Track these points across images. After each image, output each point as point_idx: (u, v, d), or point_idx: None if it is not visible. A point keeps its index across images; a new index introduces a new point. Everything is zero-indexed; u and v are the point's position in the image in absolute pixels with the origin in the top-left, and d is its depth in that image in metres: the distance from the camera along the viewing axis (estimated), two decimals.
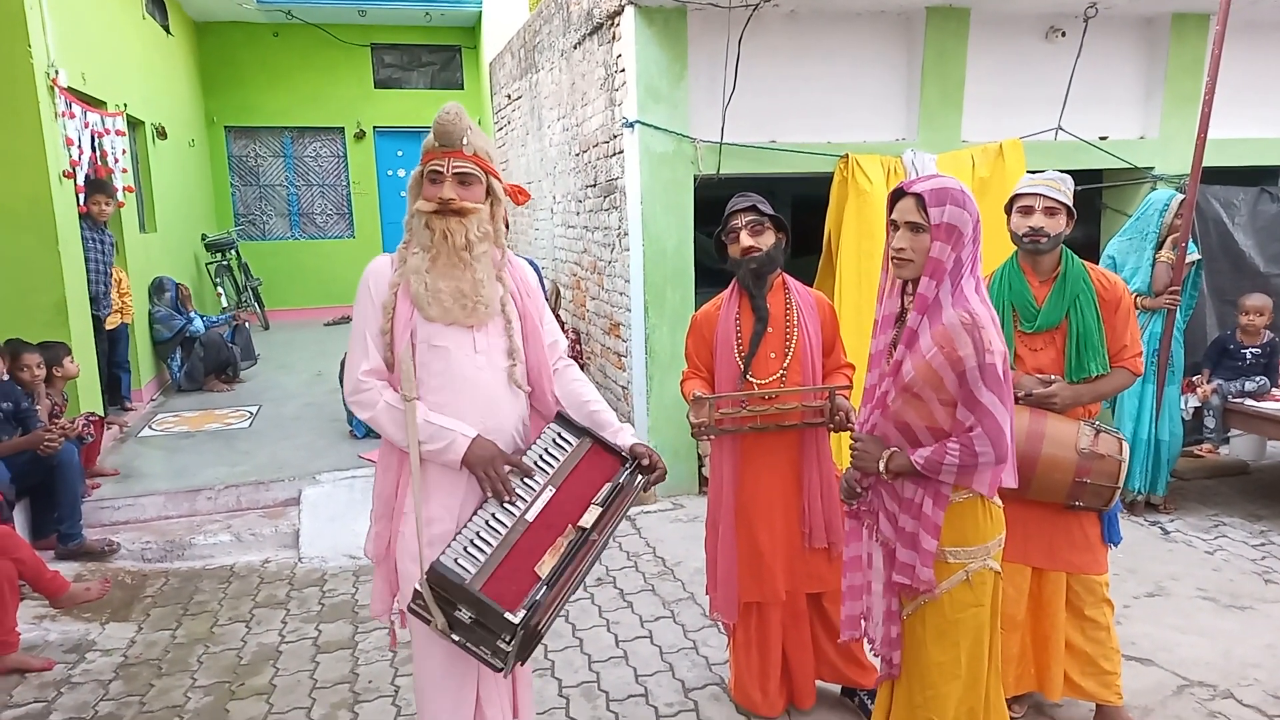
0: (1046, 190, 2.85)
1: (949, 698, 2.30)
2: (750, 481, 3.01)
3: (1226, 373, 5.14)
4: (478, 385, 2.25)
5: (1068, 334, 2.88)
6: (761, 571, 3.00)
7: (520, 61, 8.70)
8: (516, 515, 2.16)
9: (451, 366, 2.22)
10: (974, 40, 5.56)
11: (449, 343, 2.22)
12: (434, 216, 2.18)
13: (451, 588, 2.02)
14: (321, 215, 13.24)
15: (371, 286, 2.23)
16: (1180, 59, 5.85)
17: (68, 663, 3.65)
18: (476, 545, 2.09)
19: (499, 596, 2.01)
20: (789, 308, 2.96)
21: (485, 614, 2.00)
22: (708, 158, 5.23)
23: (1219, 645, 3.57)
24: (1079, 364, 2.86)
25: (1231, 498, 5.30)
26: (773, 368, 2.93)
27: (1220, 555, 4.47)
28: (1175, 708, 3.14)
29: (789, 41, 5.40)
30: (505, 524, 2.14)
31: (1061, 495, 2.79)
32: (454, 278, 2.20)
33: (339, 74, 12.69)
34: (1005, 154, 5.50)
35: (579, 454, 2.31)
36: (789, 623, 3.06)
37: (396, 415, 2.19)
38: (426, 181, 2.20)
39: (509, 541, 2.11)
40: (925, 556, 2.23)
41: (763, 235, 2.91)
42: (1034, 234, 2.86)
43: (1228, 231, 5.83)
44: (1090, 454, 2.74)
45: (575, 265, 6.99)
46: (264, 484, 5.26)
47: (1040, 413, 2.82)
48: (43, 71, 5.30)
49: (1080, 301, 2.87)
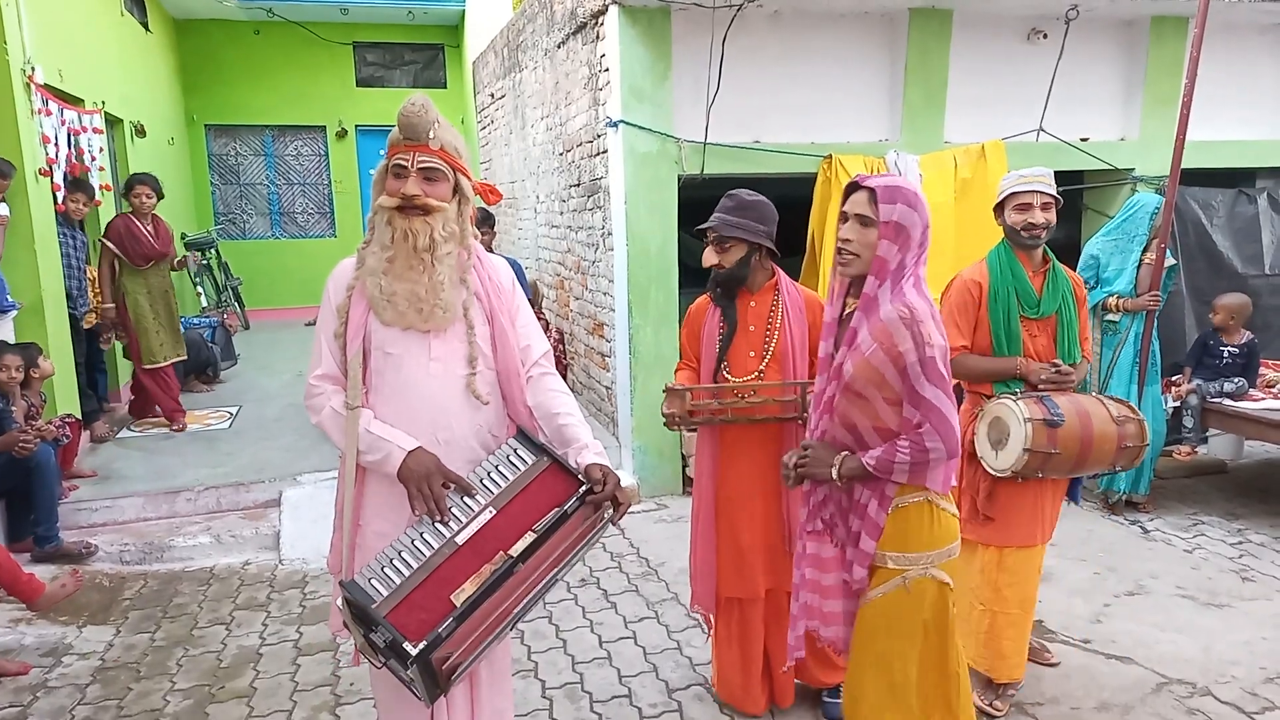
0: (1042, 187, 3.01)
1: (865, 704, 2.27)
2: (731, 478, 3.02)
3: (1206, 372, 5.19)
4: (428, 395, 2.13)
5: (1058, 323, 3.05)
6: (742, 568, 3.01)
7: (504, 60, 8.67)
8: (446, 537, 1.99)
9: (402, 374, 2.12)
10: (956, 41, 5.59)
11: (401, 349, 2.12)
12: (396, 214, 2.07)
13: (358, 609, 1.89)
14: (303, 214, 13.15)
15: (330, 289, 2.18)
16: (1160, 61, 5.90)
17: (44, 666, 3.60)
18: (395, 565, 1.95)
19: (404, 624, 1.85)
20: (774, 308, 2.97)
21: (391, 641, 1.84)
22: (692, 158, 5.23)
23: (1198, 642, 3.60)
24: (1068, 351, 3.06)
25: (1210, 496, 5.35)
26: (750, 366, 2.95)
27: (1199, 554, 4.51)
28: (1154, 705, 3.17)
29: (773, 42, 5.40)
30: (432, 545, 1.97)
31: (1107, 463, 2.98)
32: (410, 280, 2.08)
33: (321, 72, 12.60)
34: (987, 155, 5.53)
35: (532, 474, 2.10)
36: (771, 620, 3.07)
37: (339, 422, 2.12)
38: (390, 176, 2.08)
39: (430, 565, 1.94)
40: (862, 557, 2.23)
41: (727, 252, 2.91)
42: (1035, 229, 3.00)
43: (1206, 232, 5.89)
44: (1123, 419, 2.95)
45: (559, 265, 6.97)
46: (244, 485, 5.21)
47: (1072, 395, 2.98)
48: (19, 68, 5.23)
49: (1065, 292, 3.07)
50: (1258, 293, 5.75)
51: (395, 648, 1.83)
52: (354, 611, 1.92)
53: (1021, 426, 2.83)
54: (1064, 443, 2.86)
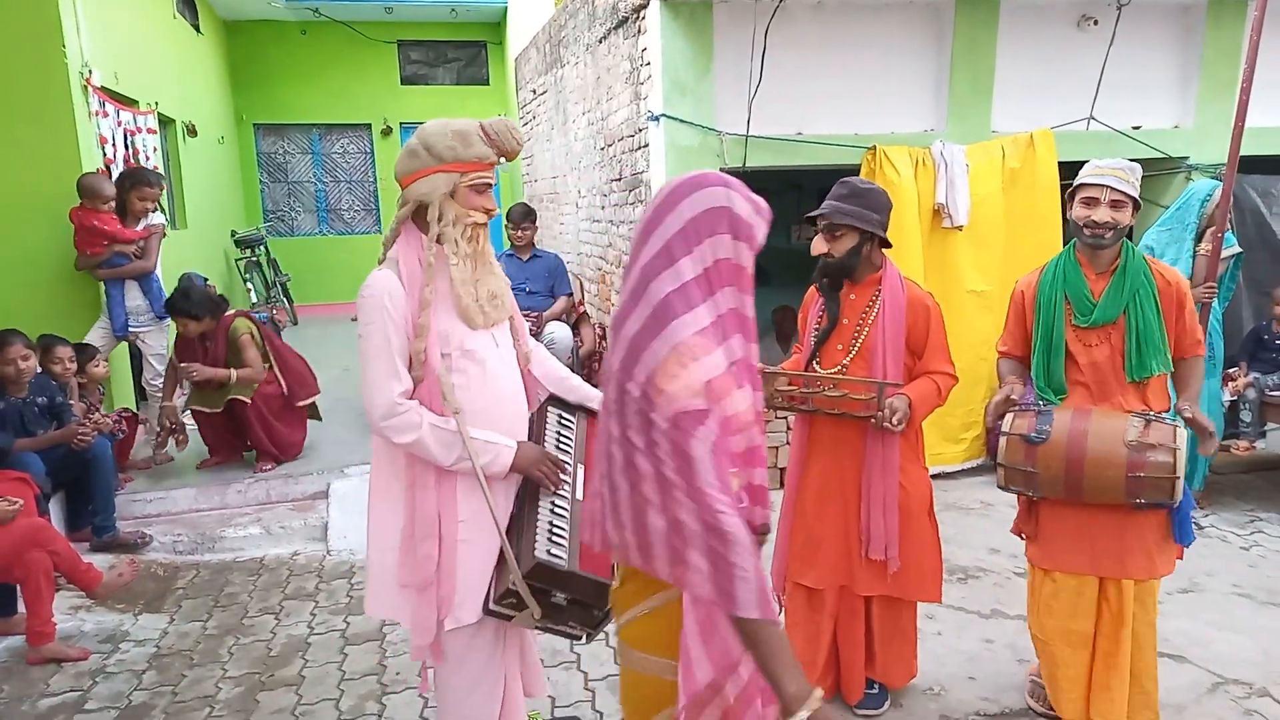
0: (1114, 182, 2.68)
1: None
2: (814, 471, 3.03)
3: (1262, 365, 5.04)
4: (505, 380, 2.32)
5: (1126, 330, 2.72)
6: (810, 557, 3.01)
7: (545, 56, 8.70)
8: (570, 498, 2.29)
9: (487, 369, 2.26)
10: (1004, 29, 5.48)
11: (477, 345, 2.24)
12: (477, 226, 2.24)
13: (555, 576, 2.12)
14: (349, 211, 13.34)
15: (390, 306, 2.13)
16: (1217, 45, 5.73)
17: (103, 653, 3.71)
18: (556, 532, 2.19)
19: (595, 571, 2.14)
20: (872, 304, 2.91)
21: (586, 591, 2.14)
22: (733, 151, 5.20)
23: (1256, 642, 3.50)
24: (1139, 362, 2.71)
25: (1269, 493, 5.20)
26: (836, 360, 2.93)
27: (1256, 551, 4.39)
28: (1210, 705, 3.09)
29: (816, 32, 5.35)
30: (567, 507, 2.26)
31: (1120, 494, 2.63)
32: (489, 282, 2.27)
33: (366, 71, 12.78)
34: (1036, 144, 5.43)
35: (582, 428, 2.46)
36: (843, 617, 3.06)
37: (443, 435, 2.15)
38: (472, 191, 2.21)
39: (575, 521, 2.23)
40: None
41: (838, 241, 2.85)
42: (1097, 228, 2.70)
43: (1265, 222, 5.70)
44: (1140, 445, 2.58)
45: (600, 260, 6.98)
46: (293, 477, 5.31)
47: (1084, 410, 2.72)
48: (77, 71, 5.38)
49: (1140, 296, 2.71)
50: None
51: (593, 592, 2.14)
52: (541, 582, 2.14)
53: (1001, 439, 2.76)
54: (1044, 461, 2.66)
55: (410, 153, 2.21)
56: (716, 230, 1.59)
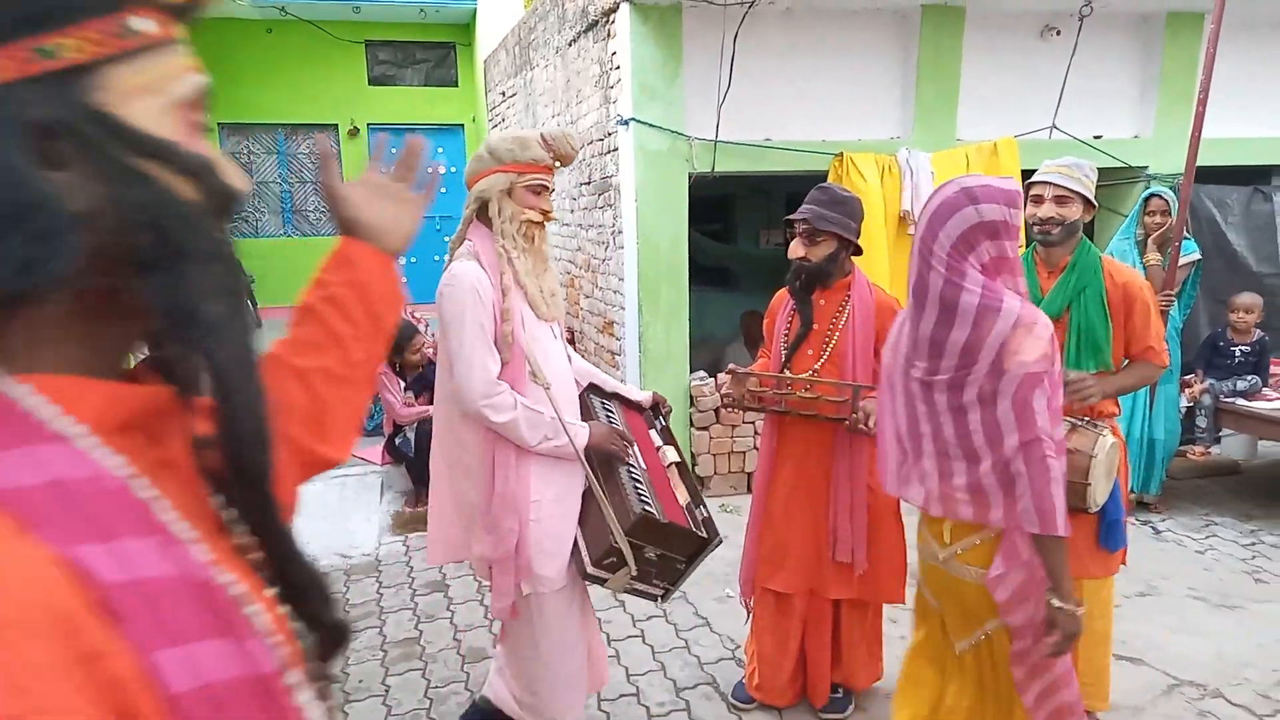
0: (1057, 178, 2.73)
1: None
2: (784, 474, 3.04)
3: (1217, 372, 5.15)
4: (565, 369, 2.56)
5: (1067, 327, 2.72)
6: (779, 561, 3.03)
7: (515, 59, 8.68)
8: (639, 468, 2.54)
9: (552, 359, 2.47)
10: (969, 38, 5.56)
11: (540, 335, 2.46)
12: (534, 225, 2.42)
13: (655, 527, 2.33)
14: (315, 213, 13.19)
15: (481, 293, 2.31)
16: (1175, 58, 5.86)
17: None
18: (641, 494, 2.39)
19: (681, 522, 2.43)
20: (841, 309, 2.93)
21: (676, 542, 2.40)
22: (702, 156, 5.22)
23: (1210, 645, 3.57)
24: (1075, 360, 2.71)
25: (1223, 497, 5.31)
26: (807, 364, 2.95)
27: (1211, 555, 4.48)
28: (1165, 707, 3.15)
29: (785, 39, 5.39)
30: (640, 476, 2.50)
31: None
32: (549, 278, 2.48)
33: (333, 71, 12.64)
34: (1000, 153, 5.50)
35: (621, 413, 2.75)
36: (811, 621, 3.08)
37: (532, 416, 2.33)
38: (529, 192, 2.40)
39: (651, 485, 2.49)
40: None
41: (817, 246, 2.86)
42: (1043, 224, 2.75)
43: (1221, 231, 5.84)
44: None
45: (569, 263, 6.97)
46: None
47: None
48: None
49: (1086, 295, 2.72)
50: (1274, 291, 5.70)
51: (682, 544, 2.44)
52: (638, 538, 2.32)
53: None
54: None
55: (477, 157, 2.44)
56: (976, 245, 1.99)
